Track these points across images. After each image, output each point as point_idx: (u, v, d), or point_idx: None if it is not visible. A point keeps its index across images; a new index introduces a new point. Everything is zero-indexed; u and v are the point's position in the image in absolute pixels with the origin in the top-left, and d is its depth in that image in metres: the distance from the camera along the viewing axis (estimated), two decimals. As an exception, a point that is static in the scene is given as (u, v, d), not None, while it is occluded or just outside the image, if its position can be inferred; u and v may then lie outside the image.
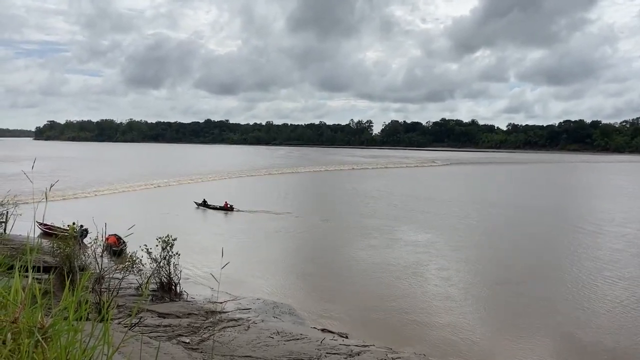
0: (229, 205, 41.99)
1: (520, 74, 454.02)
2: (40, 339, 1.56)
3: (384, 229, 32.81)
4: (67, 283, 1.98)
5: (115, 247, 23.80)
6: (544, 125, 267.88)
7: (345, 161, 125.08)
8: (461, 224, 35.12)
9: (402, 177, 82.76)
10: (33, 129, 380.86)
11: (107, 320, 1.78)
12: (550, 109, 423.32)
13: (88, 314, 2.14)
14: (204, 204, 43.03)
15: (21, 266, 2.07)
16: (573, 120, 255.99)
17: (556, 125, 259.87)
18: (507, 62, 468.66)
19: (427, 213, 40.15)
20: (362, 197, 51.52)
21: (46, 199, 2.30)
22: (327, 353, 12.10)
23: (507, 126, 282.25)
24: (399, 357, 12.24)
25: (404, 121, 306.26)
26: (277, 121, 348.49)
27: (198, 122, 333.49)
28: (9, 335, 1.58)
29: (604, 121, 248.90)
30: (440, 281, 21.13)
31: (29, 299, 1.73)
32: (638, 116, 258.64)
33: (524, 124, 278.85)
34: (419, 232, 32.00)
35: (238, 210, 40.94)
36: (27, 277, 2.06)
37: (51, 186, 2.55)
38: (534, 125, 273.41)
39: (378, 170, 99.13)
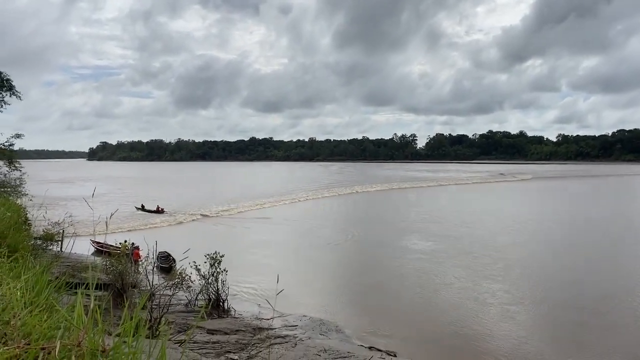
0: (160, 209, 50.85)
1: (573, 83, 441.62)
2: (104, 363, 1.62)
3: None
4: (126, 303, 2.04)
5: (165, 265, 24.49)
6: (597, 135, 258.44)
7: (404, 177, 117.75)
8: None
9: (492, 196, 74.20)
10: (86, 150, 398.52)
11: (164, 341, 1.83)
12: (604, 118, 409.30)
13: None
14: (142, 209, 52.07)
15: (80, 284, 2.16)
16: (628, 129, 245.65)
17: (609, 135, 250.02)
18: (559, 71, 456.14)
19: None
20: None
21: (106, 227, 2.39)
22: (375, 372, 11.92)
23: (557, 137, 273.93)
24: (450, 377, 11.92)
25: (450, 134, 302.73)
26: (321, 137, 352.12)
27: (243, 140, 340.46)
28: (73, 358, 1.64)
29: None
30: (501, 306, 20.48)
31: (90, 322, 1.80)
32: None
33: (575, 135, 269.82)
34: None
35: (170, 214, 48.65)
36: (87, 295, 2.14)
37: (111, 215, 2.64)
38: (586, 135, 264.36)
39: (447, 188, 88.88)
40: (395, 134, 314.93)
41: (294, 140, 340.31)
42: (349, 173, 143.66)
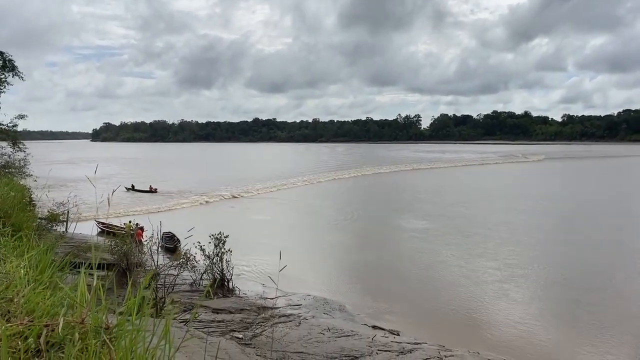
0: (153, 189, 51.64)
1: (580, 62, 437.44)
2: (107, 340, 1.61)
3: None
4: (130, 282, 2.03)
5: (169, 245, 24.62)
6: (602, 115, 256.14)
7: (413, 158, 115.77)
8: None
9: (519, 176, 72.42)
10: (90, 131, 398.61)
11: (168, 319, 1.81)
12: (611, 98, 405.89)
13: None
14: (133, 188, 52.56)
15: (84, 264, 2.15)
16: (634, 109, 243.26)
17: (615, 115, 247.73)
18: (566, 50, 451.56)
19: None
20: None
21: (108, 204, 2.37)
22: (378, 350, 12.02)
23: (562, 117, 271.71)
24: (452, 355, 12.02)
25: (454, 114, 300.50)
26: (324, 118, 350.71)
27: (246, 121, 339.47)
28: (76, 335, 1.63)
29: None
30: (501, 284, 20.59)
31: (94, 300, 1.79)
32: None
33: (580, 115, 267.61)
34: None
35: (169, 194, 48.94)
36: (90, 275, 2.12)
37: (113, 192, 2.63)
38: (591, 115, 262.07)
39: (463, 169, 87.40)
40: (399, 114, 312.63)
41: (297, 121, 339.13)
42: (357, 154, 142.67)
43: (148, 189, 52.14)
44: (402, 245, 27.63)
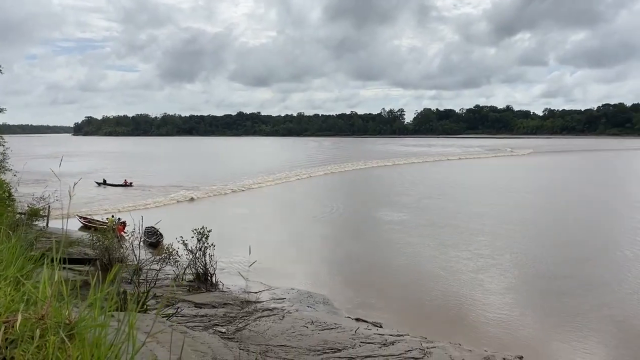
0: (128, 183, 50.32)
1: (561, 57, 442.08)
2: (64, 337, 1.57)
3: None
4: (109, 277, 1.99)
5: (152, 239, 24.41)
6: (582, 109, 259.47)
7: (402, 152, 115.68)
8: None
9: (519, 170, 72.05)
10: (72, 125, 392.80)
11: (130, 313, 1.77)
12: (591, 93, 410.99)
13: (121, 306, 2.15)
14: (104, 183, 50.84)
15: (58, 259, 2.10)
16: (612, 103, 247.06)
17: (595, 109, 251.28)
18: (547, 45, 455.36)
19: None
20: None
21: (69, 197, 2.32)
22: (361, 342, 12.07)
23: (543, 111, 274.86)
24: (434, 347, 12.11)
25: (437, 109, 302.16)
26: (309, 112, 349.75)
27: (230, 115, 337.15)
28: (37, 332, 1.59)
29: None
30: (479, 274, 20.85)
31: (55, 294, 1.74)
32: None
33: (561, 109, 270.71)
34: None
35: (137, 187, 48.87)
36: (66, 270, 2.08)
37: (74, 184, 2.57)
38: (572, 109, 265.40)
39: (457, 163, 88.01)
40: (383, 108, 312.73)
41: (282, 115, 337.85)
42: (345, 149, 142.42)
43: (122, 183, 50.68)
44: (381, 237, 28.13)
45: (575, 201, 40.38)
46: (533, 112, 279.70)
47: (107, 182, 51.39)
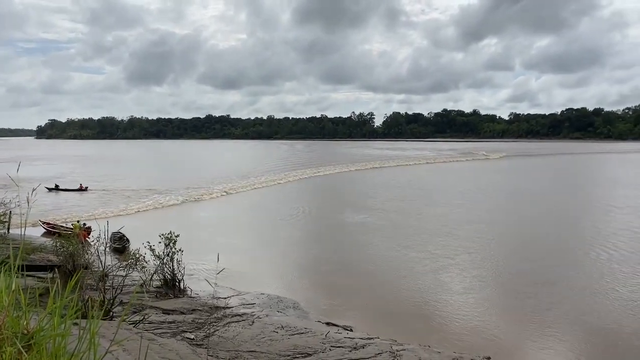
0: (83, 187, 48.89)
1: (526, 62, 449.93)
2: (21, 348, 1.51)
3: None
4: (71, 283, 1.93)
5: (118, 245, 23.92)
6: (547, 114, 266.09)
7: (378, 156, 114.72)
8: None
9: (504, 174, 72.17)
10: (34, 128, 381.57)
11: (92, 320, 1.72)
12: (555, 97, 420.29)
13: (84, 314, 2.09)
14: (57, 188, 48.28)
15: (18, 266, 2.02)
16: (575, 108, 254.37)
17: (558, 113, 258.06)
18: (513, 50, 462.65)
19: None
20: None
21: (28, 203, 2.25)
22: (331, 346, 12.08)
23: (509, 115, 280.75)
24: (404, 349, 12.20)
25: (406, 112, 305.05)
26: (280, 115, 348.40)
27: (199, 118, 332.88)
28: (-8, 342, 1.53)
29: (608, 109, 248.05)
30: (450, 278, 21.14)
31: (13, 303, 1.68)
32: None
33: (526, 113, 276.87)
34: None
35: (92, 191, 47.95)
36: (27, 277, 2.01)
37: (33, 190, 2.50)
38: (536, 114, 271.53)
39: (433, 166, 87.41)
40: (353, 112, 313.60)
41: (252, 118, 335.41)
42: (318, 152, 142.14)
43: (77, 188, 48.71)
44: (345, 239, 28.45)
45: (543, 202, 41.37)
46: (499, 117, 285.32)
47: (60, 187, 48.85)
